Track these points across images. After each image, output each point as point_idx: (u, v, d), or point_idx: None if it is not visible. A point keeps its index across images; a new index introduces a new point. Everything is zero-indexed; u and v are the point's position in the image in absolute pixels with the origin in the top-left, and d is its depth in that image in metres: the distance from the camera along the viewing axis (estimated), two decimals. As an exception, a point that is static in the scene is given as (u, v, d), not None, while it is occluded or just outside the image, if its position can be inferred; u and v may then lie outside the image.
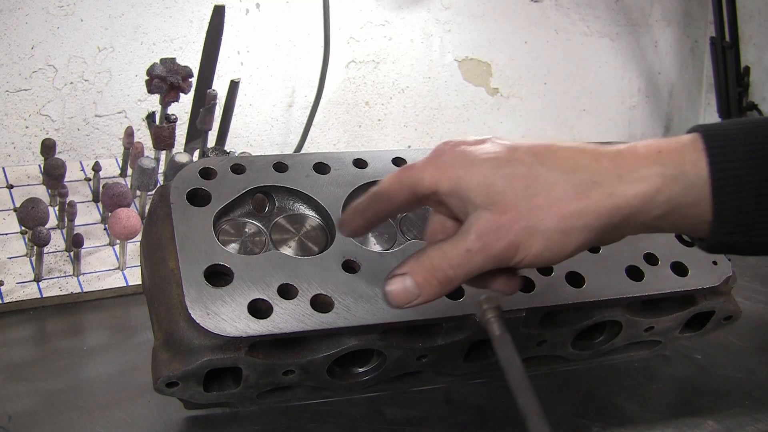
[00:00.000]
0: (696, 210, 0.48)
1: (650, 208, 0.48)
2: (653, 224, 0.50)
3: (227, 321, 0.59)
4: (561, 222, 0.48)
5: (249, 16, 1.24)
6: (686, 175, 0.48)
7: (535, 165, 0.49)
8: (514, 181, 0.48)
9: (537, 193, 0.48)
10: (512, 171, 0.49)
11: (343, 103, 1.36)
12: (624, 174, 0.48)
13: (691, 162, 0.48)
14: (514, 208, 0.48)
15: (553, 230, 0.48)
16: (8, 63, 1.10)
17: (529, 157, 0.49)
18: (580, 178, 0.48)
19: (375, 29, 1.35)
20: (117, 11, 1.14)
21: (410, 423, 0.71)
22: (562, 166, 0.49)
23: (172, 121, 1.01)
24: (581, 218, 0.48)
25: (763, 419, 0.74)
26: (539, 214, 0.48)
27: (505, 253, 0.49)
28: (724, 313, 0.77)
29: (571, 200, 0.48)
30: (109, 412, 0.70)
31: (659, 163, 0.48)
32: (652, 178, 0.48)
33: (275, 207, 0.70)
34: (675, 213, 0.49)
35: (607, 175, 0.48)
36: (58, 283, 0.89)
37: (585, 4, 1.53)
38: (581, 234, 0.48)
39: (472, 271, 0.50)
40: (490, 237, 0.48)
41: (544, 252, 0.49)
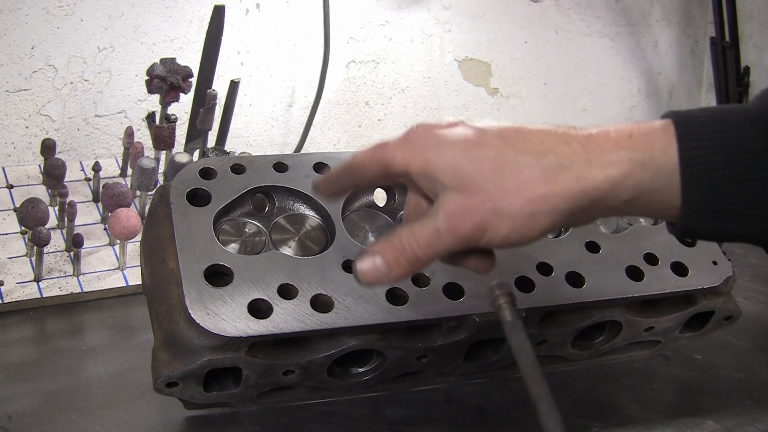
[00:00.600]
0: (665, 196, 0.49)
1: (618, 192, 0.48)
2: (622, 208, 0.50)
3: (227, 321, 0.59)
4: (528, 205, 0.48)
5: (249, 16, 1.24)
6: (655, 161, 0.48)
7: (504, 148, 0.49)
8: (482, 163, 0.49)
9: (505, 176, 0.48)
10: (481, 153, 0.49)
11: (343, 103, 1.36)
12: (593, 158, 0.48)
13: (661, 148, 0.48)
14: (482, 191, 0.48)
15: (519, 213, 0.48)
16: (8, 63, 1.10)
17: (498, 140, 0.50)
18: (549, 161, 0.48)
19: (375, 29, 1.35)
20: (117, 11, 1.14)
21: (410, 423, 0.71)
22: (531, 149, 0.49)
23: (172, 121, 1.01)
24: (548, 202, 0.48)
25: (763, 419, 0.74)
26: (507, 196, 0.48)
27: (473, 234, 0.49)
28: (724, 313, 0.77)
29: (539, 184, 0.48)
30: (109, 412, 0.70)
31: (629, 148, 0.48)
32: (620, 163, 0.48)
33: (275, 207, 0.70)
34: (643, 198, 0.49)
35: (576, 159, 0.48)
36: (58, 283, 0.89)
37: (585, 4, 1.53)
38: (548, 217, 0.48)
39: (441, 251, 0.50)
40: (458, 218, 0.49)
41: (510, 234, 0.49)
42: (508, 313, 0.51)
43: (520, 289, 0.67)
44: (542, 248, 0.70)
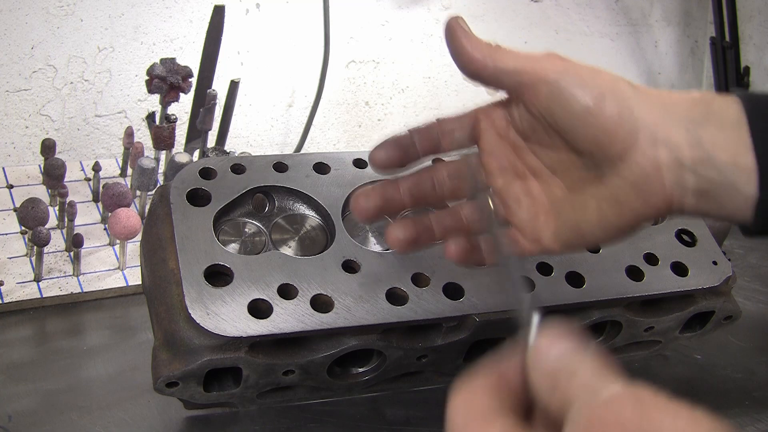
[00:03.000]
0: (733, 154, 0.46)
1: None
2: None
3: (227, 321, 0.59)
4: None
5: (249, 16, 1.24)
6: (717, 115, 0.47)
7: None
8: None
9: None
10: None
11: (343, 103, 1.36)
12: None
13: (721, 107, 0.47)
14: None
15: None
16: (8, 63, 1.10)
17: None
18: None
19: (375, 29, 1.35)
20: (117, 11, 1.14)
21: (410, 423, 0.71)
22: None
23: (172, 121, 1.01)
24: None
25: (763, 419, 0.74)
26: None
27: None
28: (724, 313, 0.77)
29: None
30: (109, 412, 0.70)
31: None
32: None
33: (275, 207, 0.70)
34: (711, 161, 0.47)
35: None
36: (58, 283, 0.89)
37: (585, 4, 1.53)
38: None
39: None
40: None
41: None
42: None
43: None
44: (542, 248, 0.70)
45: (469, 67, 0.50)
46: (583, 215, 0.50)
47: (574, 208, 0.50)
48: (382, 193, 0.53)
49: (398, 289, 0.64)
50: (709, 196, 0.47)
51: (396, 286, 0.64)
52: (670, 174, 0.47)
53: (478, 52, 0.50)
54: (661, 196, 0.47)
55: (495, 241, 0.47)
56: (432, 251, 0.67)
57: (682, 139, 0.47)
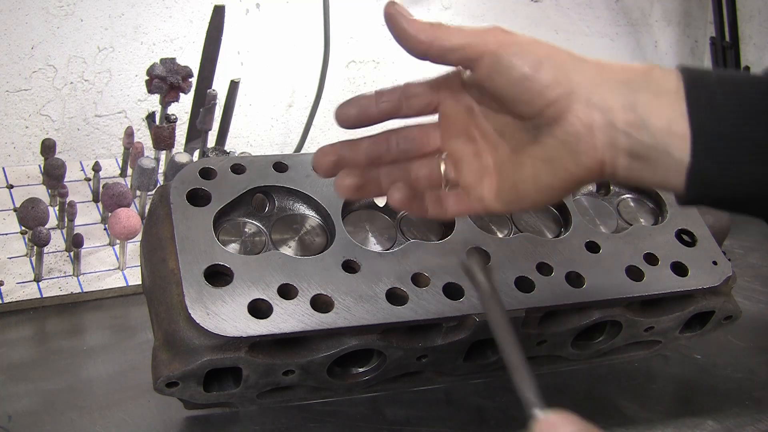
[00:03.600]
0: (669, 123, 0.48)
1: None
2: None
3: (227, 321, 0.59)
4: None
5: (249, 16, 1.24)
6: (656, 84, 0.48)
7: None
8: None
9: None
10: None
11: (343, 103, 1.36)
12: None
13: (661, 75, 0.48)
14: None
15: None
16: (8, 63, 1.09)
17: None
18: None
19: (375, 29, 1.35)
20: (117, 11, 1.14)
21: (410, 423, 0.71)
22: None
23: (172, 121, 1.01)
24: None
25: (763, 419, 0.74)
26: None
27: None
28: (724, 313, 0.77)
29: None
30: (109, 412, 0.70)
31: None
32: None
33: (275, 207, 0.70)
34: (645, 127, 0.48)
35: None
36: (58, 283, 0.89)
37: (585, 4, 1.53)
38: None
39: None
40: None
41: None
42: (481, 278, 0.51)
43: (520, 289, 0.67)
44: (542, 248, 0.70)
45: (415, 49, 0.54)
46: (520, 175, 0.52)
47: (514, 169, 0.53)
48: (340, 150, 0.56)
49: (398, 289, 0.64)
50: (641, 160, 0.49)
51: (396, 286, 0.64)
52: (602, 135, 0.49)
53: (422, 34, 0.54)
54: (592, 157, 0.49)
55: (495, 329, 0.49)
56: (432, 251, 0.67)
57: (616, 103, 0.48)
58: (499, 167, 0.54)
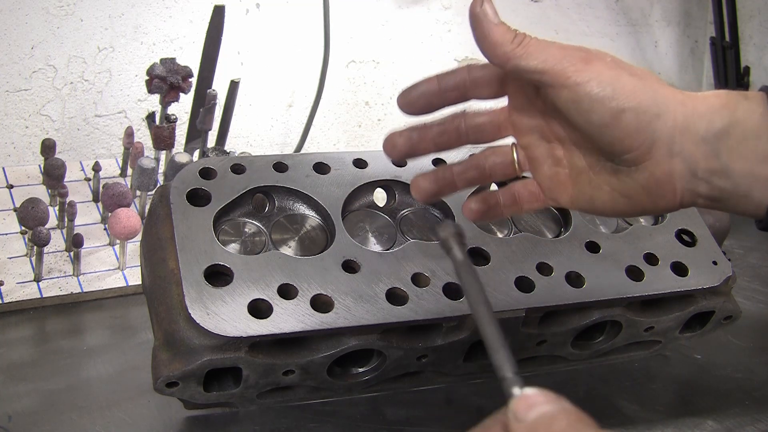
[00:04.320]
0: (758, 143, 0.47)
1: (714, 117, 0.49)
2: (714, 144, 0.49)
3: (227, 321, 0.59)
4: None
5: (249, 16, 1.24)
6: (747, 106, 0.48)
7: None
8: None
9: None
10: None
11: (343, 103, 1.36)
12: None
13: (754, 102, 0.48)
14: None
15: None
16: (8, 63, 1.09)
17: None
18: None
19: (375, 29, 1.35)
20: (117, 11, 1.14)
21: (410, 423, 0.71)
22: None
23: (172, 121, 1.01)
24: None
25: (763, 419, 0.74)
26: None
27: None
28: (724, 313, 0.77)
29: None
30: (109, 412, 0.70)
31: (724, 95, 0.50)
32: (717, 98, 0.49)
33: (275, 207, 0.70)
34: (737, 137, 0.48)
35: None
36: (58, 283, 0.89)
37: (585, 4, 1.52)
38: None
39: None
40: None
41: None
42: (458, 253, 0.51)
43: (520, 289, 0.67)
44: (542, 248, 0.70)
45: (492, 59, 0.51)
46: (598, 194, 0.52)
47: (591, 185, 0.53)
48: (410, 135, 0.55)
49: (398, 289, 0.64)
50: (720, 202, 0.49)
51: (396, 286, 0.64)
52: (682, 182, 0.49)
53: (501, 48, 0.50)
54: (671, 200, 0.50)
55: (472, 306, 0.49)
56: (432, 251, 0.67)
57: (698, 152, 0.48)
58: (575, 178, 0.53)
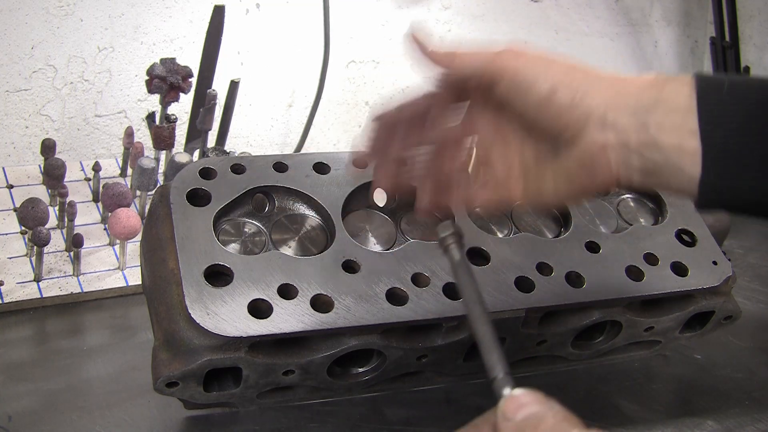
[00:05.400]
0: (682, 134, 0.49)
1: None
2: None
3: (227, 321, 0.59)
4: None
5: (249, 16, 1.24)
6: (668, 101, 0.49)
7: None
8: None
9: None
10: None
11: (343, 103, 1.36)
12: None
13: (675, 90, 0.50)
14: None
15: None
16: (8, 63, 1.10)
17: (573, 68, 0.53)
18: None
19: (375, 29, 1.35)
20: (117, 11, 1.14)
21: (410, 423, 0.71)
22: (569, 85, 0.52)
23: (172, 121, 1.01)
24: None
25: (763, 419, 0.74)
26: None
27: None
28: (724, 313, 0.77)
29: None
30: (109, 412, 0.70)
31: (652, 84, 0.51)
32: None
33: (275, 207, 0.70)
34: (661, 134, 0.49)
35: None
36: (58, 283, 0.89)
37: (585, 4, 1.53)
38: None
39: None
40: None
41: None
42: (455, 252, 0.51)
43: (520, 289, 0.67)
44: (542, 248, 0.70)
45: (436, 73, 0.58)
46: (543, 185, 0.55)
47: (537, 178, 0.56)
48: (374, 153, 0.60)
49: (398, 289, 0.64)
50: (654, 175, 0.51)
51: (396, 286, 0.64)
52: (616, 155, 0.51)
53: (438, 65, 0.57)
54: (607, 174, 0.52)
55: (467, 305, 0.49)
56: (432, 251, 0.67)
57: (629, 124, 0.50)
58: (525, 173, 0.57)
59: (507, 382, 0.45)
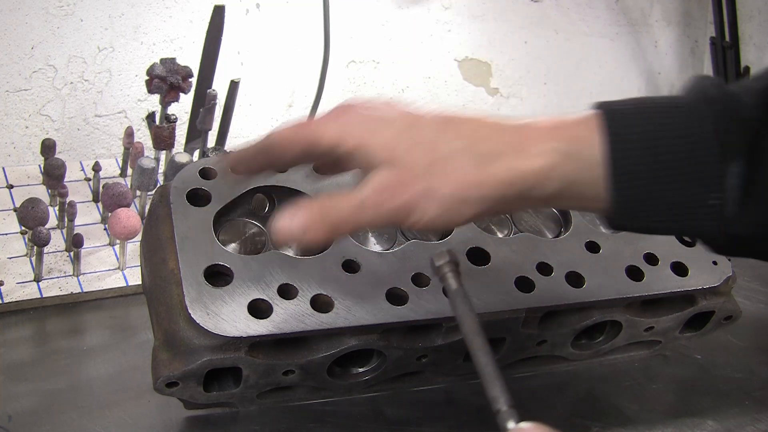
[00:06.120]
0: (593, 190, 0.49)
1: (545, 184, 0.49)
2: (550, 200, 0.50)
3: (227, 321, 0.59)
4: (459, 190, 0.49)
5: (249, 16, 1.24)
6: (581, 154, 0.48)
7: (439, 132, 0.50)
8: (417, 145, 0.49)
9: (439, 159, 0.49)
10: (416, 135, 0.50)
11: (343, 103, 1.36)
12: (523, 149, 0.49)
13: (587, 140, 0.48)
14: (414, 171, 0.49)
15: (450, 197, 0.49)
16: (8, 63, 1.09)
17: (433, 124, 0.50)
18: (482, 149, 0.49)
19: (375, 29, 1.35)
20: (117, 11, 1.14)
21: (410, 423, 0.71)
22: (466, 136, 0.50)
23: (172, 121, 1.01)
24: (479, 189, 0.49)
25: (763, 419, 0.74)
26: (439, 179, 0.49)
27: (399, 212, 0.49)
28: (724, 313, 0.77)
29: (472, 170, 0.48)
30: (109, 412, 0.70)
31: (556, 139, 0.49)
32: (548, 154, 0.48)
33: (275, 207, 0.70)
34: (571, 191, 0.49)
35: (507, 148, 0.49)
36: (58, 283, 0.89)
37: (585, 4, 1.53)
38: (477, 204, 0.49)
39: (362, 223, 0.51)
40: (386, 194, 0.49)
41: (437, 218, 0.49)
42: (452, 282, 0.51)
43: (520, 289, 0.67)
44: (542, 248, 0.70)
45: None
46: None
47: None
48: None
49: (398, 289, 0.64)
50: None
51: (396, 286, 0.64)
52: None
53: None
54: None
55: (467, 336, 0.49)
56: (432, 251, 0.67)
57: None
58: None
59: (511, 415, 0.44)
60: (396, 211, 0.49)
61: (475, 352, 0.48)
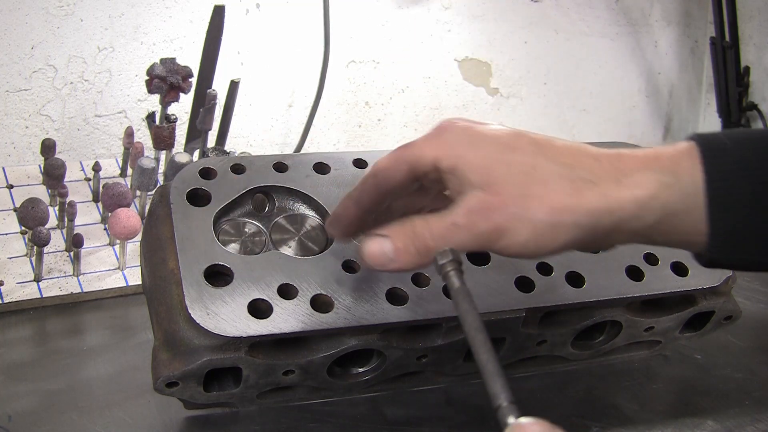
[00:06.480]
0: (691, 219, 0.48)
1: (644, 213, 0.48)
2: (646, 233, 0.49)
3: (227, 321, 0.59)
4: (552, 215, 0.48)
5: (249, 16, 1.24)
6: (681, 182, 0.48)
7: (537, 154, 0.49)
8: (513, 166, 0.49)
9: (534, 183, 0.48)
10: (513, 157, 0.49)
11: (343, 103, 1.36)
12: (621, 177, 0.48)
13: (687, 170, 0.48)
14: (508, 193, 0.48)
15: (542, 222, 0.48)
16: (8, 63, 1.10)
17: (531, 146, 0.49)
18: (578, 174, 0.48)
19: (375, 29, 1.35)
20: (117, 11, 1.14)
21: (410, 423, 0.71)
22: (563, 161, 0.49)
23: (172, 121, 1.01)
24: (573, 215, 0.48)
25: (763, 419, 0.74)
26: (532, 202, 0.48)
27: (491, 234, 0.49)
28: (724, 313, 0.77)
29: (566, 195, 0.48)
30: (109, 412, 0.70)
31: (656, 169, 0.48)
32: (647, 184, 0.48)
33: (275, 207, 0.70)
34: (669, 222, 0.48)
35: (604, 176, 0.48)
36: (58, 283, 0.89)
37: (585, 4, 1.53)
38: (570, 230, 0.48)
39: (452, 246, 0.50)
40: (479, 216, 0.48)
41: (529, 242, 0.48)
42: (455, 280, 0.51)
43: (520, 289, 0.67)
44: (542, 248, 0.70)
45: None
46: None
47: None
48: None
49: (398, 289, 0.64)
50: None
51: (396, 286, 0.64)
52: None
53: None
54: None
55: (469, 333, 0.49)
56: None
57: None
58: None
59: (512, 410, 0.44)
60: (488, 234, 0.48)
61: (477, 349, 0.48)
